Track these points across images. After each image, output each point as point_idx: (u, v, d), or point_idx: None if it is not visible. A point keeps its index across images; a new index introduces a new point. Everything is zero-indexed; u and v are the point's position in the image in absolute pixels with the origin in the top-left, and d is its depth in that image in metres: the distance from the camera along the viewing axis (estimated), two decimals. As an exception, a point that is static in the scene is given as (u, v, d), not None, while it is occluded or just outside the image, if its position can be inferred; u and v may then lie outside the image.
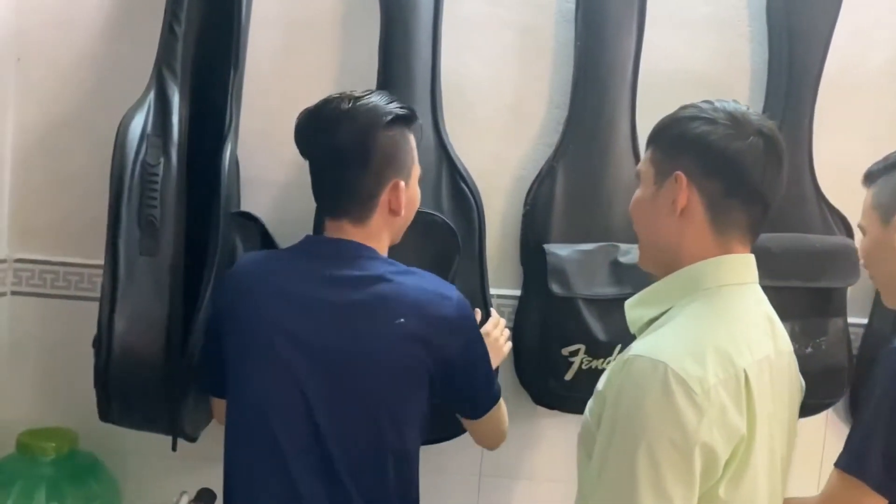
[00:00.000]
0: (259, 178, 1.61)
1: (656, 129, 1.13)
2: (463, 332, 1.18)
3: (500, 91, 1.68)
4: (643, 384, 0.96)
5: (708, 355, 0.97)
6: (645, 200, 1.12)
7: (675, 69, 1.70)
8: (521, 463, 1.76)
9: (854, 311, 1.72)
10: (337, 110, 1.17)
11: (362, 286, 1.13)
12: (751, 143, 1.04)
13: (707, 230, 1.06)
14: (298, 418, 1.12)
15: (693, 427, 0.94)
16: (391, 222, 1.22)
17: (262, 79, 1.60)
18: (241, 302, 1.17)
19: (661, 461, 0.93)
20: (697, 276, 1.06)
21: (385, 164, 1.18)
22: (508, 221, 1.69)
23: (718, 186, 1.05)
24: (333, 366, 1.12)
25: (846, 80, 1.72)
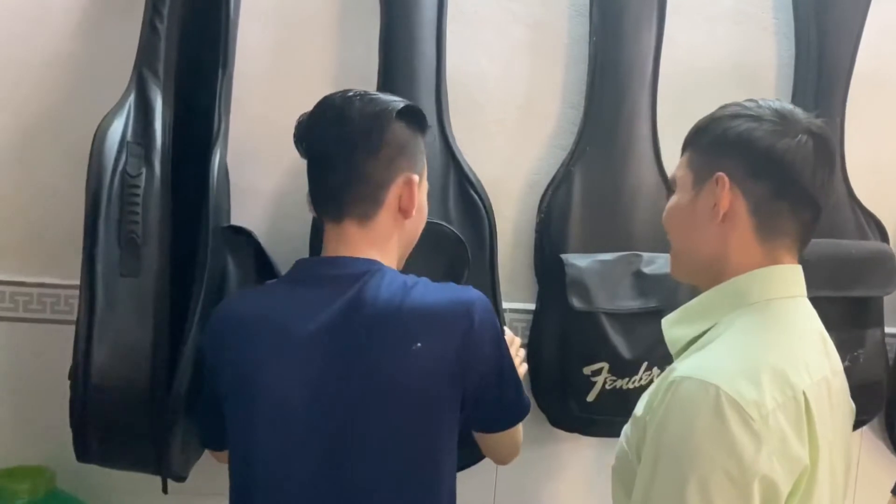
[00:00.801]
0: (250, 187, 1.49)
1: (694, 130, 1.05)
2: (490, 337, 1.06)
3: (509, 90, 1.57)
4: (692, 410, 0.87)
5: (763, 376, 0.88)
6: (682, 207, 1.04)
7: (696, 65, 1.60)
8: (538, 491, 1.65)
9: (889, 320, 1.62)
10: (344, 99, 1.08)
11: (371, 311, 1.01)
12: (800, 141, 0.96)
13: (752, 237, 0.97)
14: (320, 470, 1.00)
15: (751, 458, 0.84)
16: (400, 226, 1.10)
17: (251, 80, 1.47)
18: (239, 350, 1.04)
19: (715, 497, 0.84)
20: (744, 289, 0.97)
21: (397, 153, 1.07)
22: (521, 230, 1.58)
23: (764, 188, 0.96)
24: (353, 407, 1.00)
25: (878, 76, 1.62)
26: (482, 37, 1.56)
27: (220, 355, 1.06)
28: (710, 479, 0.84)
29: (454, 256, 1.38)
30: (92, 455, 1.11)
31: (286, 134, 1.51)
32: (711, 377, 0.87)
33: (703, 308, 1.00)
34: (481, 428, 1.14)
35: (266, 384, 1.01)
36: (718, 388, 0.86)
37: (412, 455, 1.01)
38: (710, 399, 0.86)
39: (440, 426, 1.03)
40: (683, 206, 1.03)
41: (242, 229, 1.30)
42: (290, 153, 1.51)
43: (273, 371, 1.01)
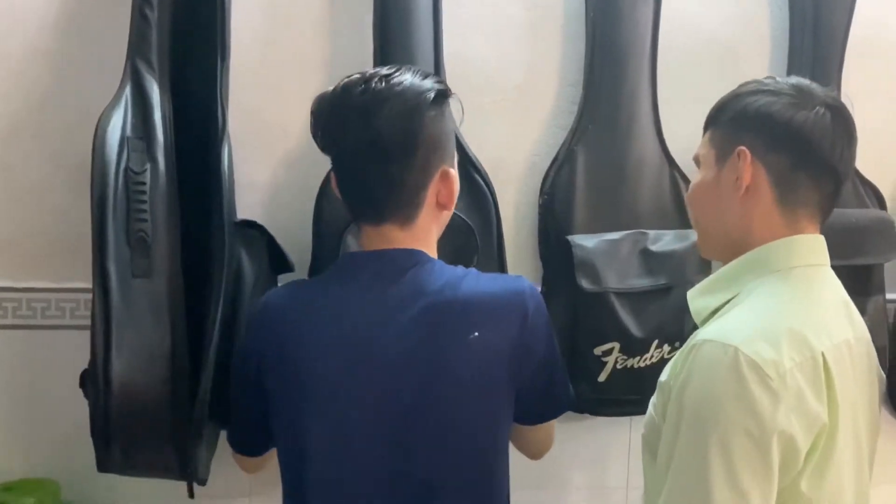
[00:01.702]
0: (247, 180, 1.44)
1: (715, 109, 1.08)
2: (543, 327, 1.05)
3: (507, 71, 1.55)
4: (712, 370, 0.90)
5: (782, 338, 0.91)
6: (706, 184, 1.06)
7: (693, 38, 1.59)
8: (550, 472, 1.64)
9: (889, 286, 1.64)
10: (369, 92, 0.99)
11: (425, 302, 0.99)
12: (817, 112, 0.99)
13: (775, 209, 1.00)
14: (380, 463, 0.98)
15: (769, 414, 0.87)
16: (439, 217, 1.07)
17: (243, 70, 1.42)
18: (293, 345, 1.00)
19: (736, 453, 0.87)
20: (766, 258, 1.00)
21: (432, 152, 1.02)
22: (523, 213, 1.56)
23: (785, 160, 0.99)
24: (412, 398, 0.98)
25: (872, 43, 1.63)
26: (478, 18, 1.53)
27: (267, 349, 1.03)
28: (731, 436, 0.87)
29: (463, 243, 1.37)
30: (114, 464, 1.08)
31: (280, 125, 1.48)
32: (730, 339, 0.90)
33: (727, 278, 1.02)
34: (526, 419, 1.12)
35: (323, 378, 0.99)
36: (737, 349, 0.89)
37: (472, 445, 1.00)
38: (729, 359, 0.88)
39: (498, 415, 1.02)
40: (708, 183, 1.05)
41: (254, 223, 1.27)
42: (285, 144, 1.49)
43: (329, 365, 0.98)
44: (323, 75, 1.48)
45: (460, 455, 0.99)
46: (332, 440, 0.99)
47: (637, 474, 1.62)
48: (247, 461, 1.17)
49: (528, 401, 1.07)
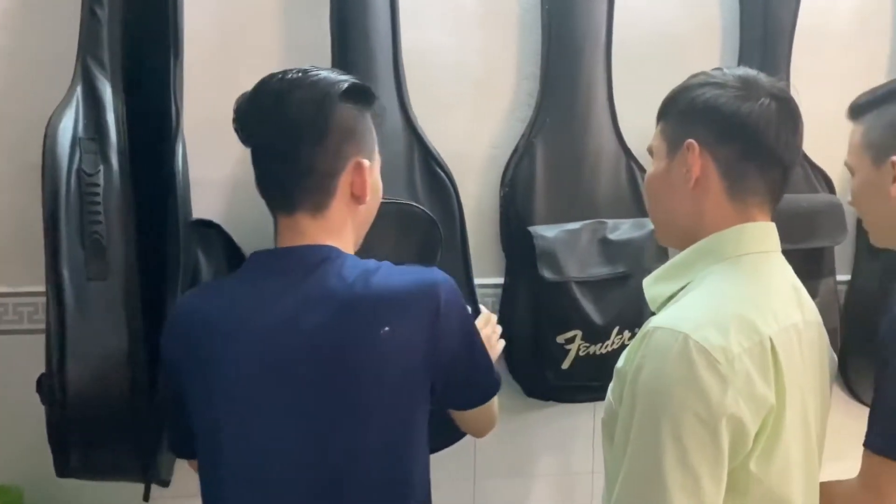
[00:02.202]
0: (205, 178, 1.42)
1: (665, 101, 1.09)
2: (457, 318, 1.04)
3: (465, 64, 1.55)
4: (663, 356, 0.92)
5: (731, 324, 0.93)
6: (658, 175, 1.08)
7: (646, 30, 1.61)
8: (517, 460, 1.66)
9: (838, 268, 1.69)
10: (283, 81, 1.02)
11: (335, 298, 0.98)
12: (762, 104, 1.00)
13: (724, 198, 1.02)
14: (292, 462, 0.97)
15: (717, 399, 0.89)
16: (354, 212, 1.06)
17: (198, 65, 1.40)
18: (201, 347, 0.99)
19: (686, 436, 0.89)
20: (717, 245, 1.02)
21: (344, 139, 1.02)
22: (484, 205, 1.57)
23: (732, 151, 1.01)
24: (323, 397, 0.97)
25: (818, 32, 1.67)
26: (433, 10, 1.53)
27: (181, 356, 1.02)
28: (681, 419, 0.89)
29: (426, 236, 1.37)
30: (73, 470, 1.06)
31: (235, 120, 1.47)
32: (680, 326, 0.92)
33: (680, 266, 1.05)
34: (455, 406, 1.13)
35: (234, 378, 0.98)
36: (687, 336, 0.91)
37: (387, 439, 0.99)
38: (679, 345, 0.91)
39: (413, 409, 1.01)
40: (660, 174, 1.07)
41: (211, 223, 1.26)
42: (242, 141, 1.48)
43: (240, 365, 0.98)
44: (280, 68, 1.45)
45: (374, 450, 0.98)
46: (245, 440, 0.98)
47: (602, 459, 1.66)
48: (194, 463, 1.16)
49: (452, 390, 1.07)
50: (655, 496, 0.90)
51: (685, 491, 0.89)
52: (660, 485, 0.89)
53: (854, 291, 1.71)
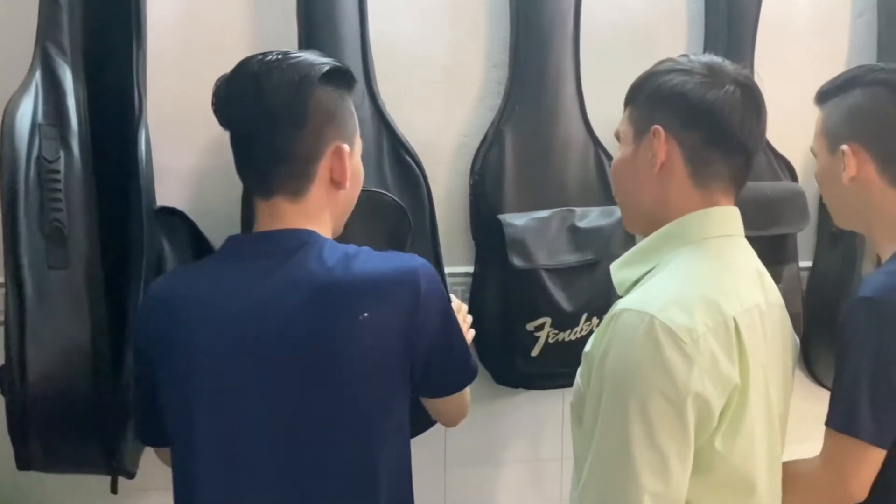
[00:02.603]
0: (170, 166, 1.40)
1: (632, 87, 1.10)
2: (436, 305, 1.04)
3: (433, 53, 1.54)
4: (630, 337, 0.94)
5: (695, 305, 0.96)
6: (625, 161, 1.09)
7: (613, 20, 1.62)
8: (487, 447, 1.67)
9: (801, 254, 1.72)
10: (262, 64, 1.00)
11: (314, 283, 0.97)
12: (727, 91, 1.02)
13: (689, 184, 1.04)
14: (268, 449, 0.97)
15: (683, 378, 0.91)
16: (334, 198, 1.05)
17: (162, 53, 1.38)
18: (176, 333, 0.98)
19: (653, 415, 0.91)
20: (682, 230, 1.04)
21: (324, 123, 1.01)
22: (453, 193, 1.57)
23: (697, 137, 1.03)
24: (299, 382, 0.96)
25: (782, 22, 1.70)
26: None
27: (154, 341, 1.00)
28: (648, 398, 0.91)
29: (396, 225, 1.36)
30: (35, 462, 1.04)
31: (203, 109, 1.42)
32: (646, 307, 0.94)
33: (646, 250, 1.06)
34: (430, 393, 1.13)
35: (206, 366, 0.96)
36: (653, 317, 0.93)
37: (365, 426, 0.99)
38: (645, 326, 0.92)
39: (390, 395, 1.01)
40: (626, 160, 1.09)
41: (176, 210, 1.24)
42: (208, 129, 1.43)
43: (217, 351, 0.96)
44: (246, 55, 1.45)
45: (352, 437, 0.98)
46: (220, 427, 0.97)
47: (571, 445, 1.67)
48: (162, 452, 1.13)
49: (428, 377, 1.07)
50: (624, 475, 0.92)
51: (653, 469, 0.91)
52: (628, 463, 0.91)
53: (816, 277, 1.74)
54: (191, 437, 0.98)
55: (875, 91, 1.20)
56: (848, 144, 1.21)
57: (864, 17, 1.77)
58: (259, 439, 0.97)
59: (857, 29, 1.78)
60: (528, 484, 1.71)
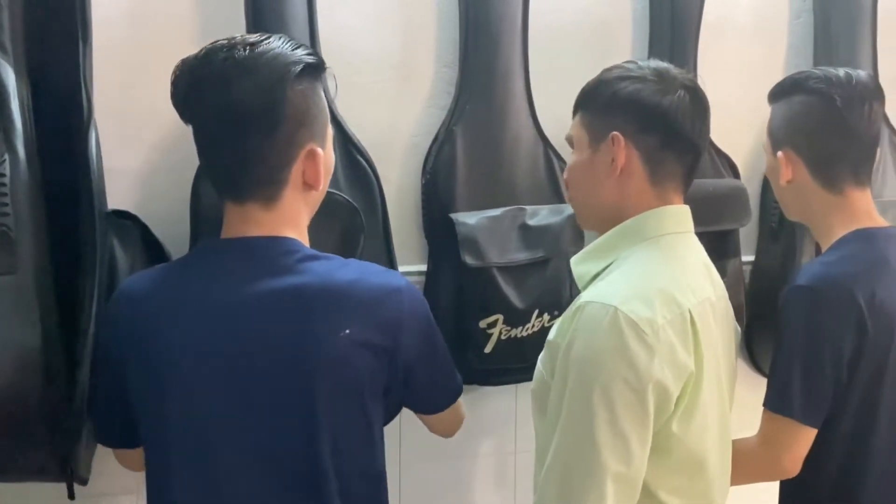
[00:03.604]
0: (117, 167, 1.37)
1: (584, 93, 1.15)
2: (418, 326, 1.04)
3: (383, 51, 1.55)
4: (595, 328, 0.99)
5: (655, 297, 1.01)
6: (581, 165, 1.14)
7: (560, 22, 1.65)
8: (442, 443, 1.65)
9: (742, 249, 1.78)
10: (230, 60, 0.94)
11: (294, 293, 0.95)
12: (679, 96, 1.09)
13: (646, 184, 1.10)
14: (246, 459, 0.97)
15: (645, 366, 0.97)
16: (308, 198, 1.03)
17: (106, 48, 1.35)
18: (149, 336, 0.96)
19: (617, 401, 0.96)
20: (639, 227, 1.09)
21: (297, 127, 0.97)
22: (406, 192, 1.57)
23: (654, 141, 1.09)
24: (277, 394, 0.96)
25: (722, 24, 1.75)
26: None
27: (126, 341, 0.99)
28: (612, 386, 0.97)
29: (348, 225, 1.37)
30: (-15, 471, 1.02)
31: (150, 106, 1.42)
32: (610, 300, 1.00)
33: (604, 246, 1.12)
34: (421, 410, 1.16)
35: (184, 370, 0.96)
36: (617, 309, 0.98)
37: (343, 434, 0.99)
38: (610, 318, 0.98)
39: (367, 408, 1.01)
40: (583, 164, 1.14)
41: (127, 213, 1.22)
42: (156, 127, 1.43)
43: (191, 356, 0.96)
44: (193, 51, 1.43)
45: (324, 446, 0.97)
46: (195, 432, 0.96)
47: (525, 439, 1.70)
48: (128, 456, 1.12)
49: (413, 394, 1.09)
50: (588, 457, 0.97)
51: (616, 451, 0.96)
52: (592, 446, 0.97)
53: (757, 271, 1.81)
54: (165, 438, 0.97)
55: (810, 100, 1.29)
56: (784, 150, 1.30)
57: (801, 19, 1.84)
58: (232, 441, 0.96)
59: (795, 30, 1.84)
60: (483, 478, 1.73)
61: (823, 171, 1.29)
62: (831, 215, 1.30)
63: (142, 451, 1.10)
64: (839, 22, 1.75)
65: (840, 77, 1.28)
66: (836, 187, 1.29)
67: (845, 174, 1.29)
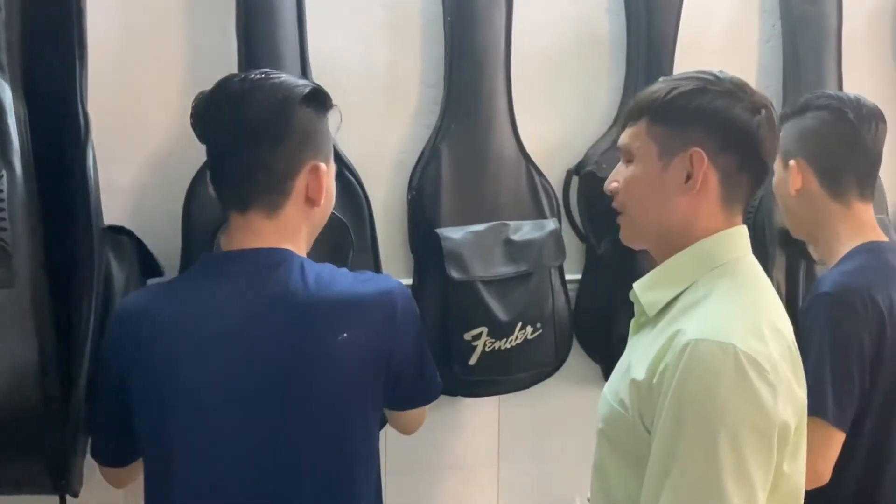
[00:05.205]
0: (110, 183, 1.39)
1: (652, 100, 1.04)
2: (411, 325, 1.09)
3: (371, 71, 1.59)
4: (715, 369, 0.91)
5: (765, 330, 0.95)
6: (646, 179, 1.05)
7: (541, 42, 1.70)
8: (425, 454, 1.71)
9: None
10: (246, 82, 1.04)
11: (292, 301, 1.00)
12: (763, 115, 1.02)
13: (717, 204, 1.03)
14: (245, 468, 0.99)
15: (771, 407, 0.91)
16: (309, 215, 1.08)
17: (101, 69, 1.36)
18: (152, 352, 0.99)
19: (744, 447, 0.90)
20: (712, 250, 1.03)
21: (302, 142, 1.05)
22: (391, 208, 1.61)
23: (733, 160, 1.02)
24: (277, 402, 0.99)
25: (697, 44, 1.81)
26: (340, 18, 1.56)
27: (128, 357, 1.01)
28: (740, 431, 0.89)
29: (338, 239, 1.39)
30: (-21, 484, 1.02)
31: (142, 125, 1.45)
32: (726, 337, 0.92)
33: (675, 272, 1.04)
34: (397, 406, 1.18)
35: (184, 385, 0.98)
36: (736, 347, 0.91)
37: (342, 440, 1.03)
38: (730, 357, 0.90)
39: (365, 410, 1.05)
40: (650, 178, 1.04)
41: (123, 228, 1.24)
42: (148, 145, 1.45)
43: (195, 368, 0.98)
44: (186, 73, 1.45)
45: (329, 451, 1.01)
46: (200, 444, 0.99)
47: (507, 449, 1.73)
48: (114, 473, 1.14)
49: (398, 391, 1.12)
50: None
51: (743, 499, 0.89)
52: (720, 498, 0.89)
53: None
54: (168, 452, 0.99)
55: (821, 114, 1.37)
56: (795, 160, 1.37)
57: (771, 42, 1.91)
58: (238, 454, 0.99)
59: (765, 53, 1.92)
60: (466, 489, 1.76)
61: (832, 181, 1.36)
62: (838, 226, 1.36)
63: (129, 468, 1.13)
64: (806, 45, 1.82)
65: (850, 97, 1.39)
66: (843, 198, 1.36)
67: (851, 186, 1.36)
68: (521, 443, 1.76)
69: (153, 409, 1.01)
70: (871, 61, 1.99)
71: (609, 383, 1.08)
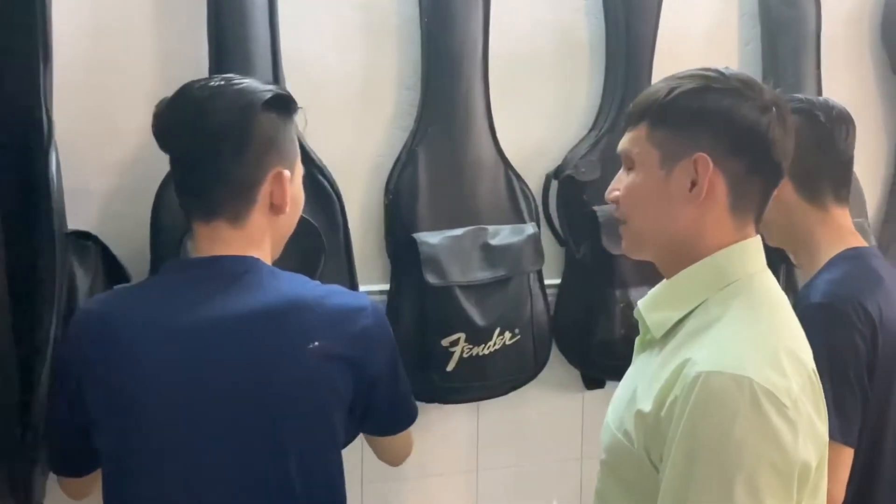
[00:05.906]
0: (77, 188, 1.36)
1: (653, 102, 0.97)
2: (384, 343, 1.07)
3: (345, 73, 1.57)
4: (729, 406, 0.84)
5: (783, 360, 0.88)
6: (648, 187, 0.97)
7: (519, 45, 1.68)
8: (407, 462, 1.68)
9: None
10: (206, 89, 1.02)
11: (261, 309, 0.98)
12: (773, 114, 0.94)
13: (726, 213, 0.95)
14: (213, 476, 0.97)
15: (792, 446, 0.84)
16: (274, 224, 1.07)
17: (68, 70, 1.34)
18: (112, 358, 0.97)
19: (763, 490, 0.83)
20: (724, 267, 0.95)
21: (266, 149, 1.03)
22: (368, 212, 1.59)
23: (742, 165, 0.94)
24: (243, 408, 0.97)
25: (674, 49, 1.80)
26: (313, 17, 1.54)
27: (87, 362, 0.99)
28: (758, 471, 0.83)
29: (309, 245, 1.37)
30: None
31: (111, 128, 1.42)
32: (742, 370, 0.85)
33: (683, 289, 0.97)
34: (374, 431, 1.17)
35: (146, 388, 0.96)
36: (752, 381, 0.84)
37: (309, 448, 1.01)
38: (747, 393, 0.84)
39: (333, 423, 1.03)
40: (652, 186, 0.97)
41: (87, 233, 1.21)
42: (116, 149, 1.43)
43: (159, 375, 0.96)
44: (155, 74, 1.43)
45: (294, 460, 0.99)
46: (162, 452, 0.97)
47: (486, 456, 1.72)
48: (72, 485, 1.11)
49: (372, 414, 1.10)
50: None
51: None
52: None
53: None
54: (127, 459, 0.97)
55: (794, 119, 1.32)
56: None
57: (750, 46, 1.91)
58: (198, 461, 0.97)
59: (744, 57, 1.91)
60: (445, 498, 1.74)
61: (807, 186, 1.33)
62: (816, 232, 1.34)
63: (87, 479, 1.10)
64: (785, 49, 1.82)
65: (820, 100, 1.37)
66: (819, 202, 1.34)
67: (827, 190, 1.34)
68: (500, 449, 1.74)
69: (112, 416, 0.98)
70: (849, 64, 1.99)
71: (612, 409, 1.00)
